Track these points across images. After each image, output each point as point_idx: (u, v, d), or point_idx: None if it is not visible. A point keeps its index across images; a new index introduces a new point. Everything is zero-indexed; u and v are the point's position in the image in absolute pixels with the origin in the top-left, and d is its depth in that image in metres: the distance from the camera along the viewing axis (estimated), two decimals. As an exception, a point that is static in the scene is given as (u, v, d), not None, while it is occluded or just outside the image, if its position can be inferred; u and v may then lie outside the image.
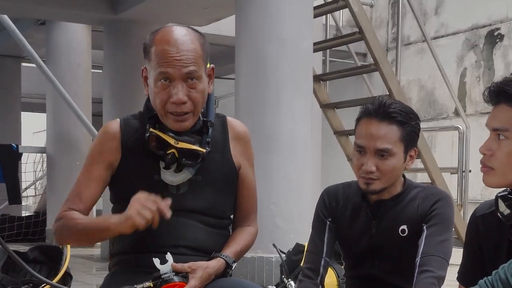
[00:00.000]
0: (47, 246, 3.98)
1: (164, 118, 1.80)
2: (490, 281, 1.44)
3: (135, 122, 1.89)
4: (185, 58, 1.76)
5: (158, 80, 1.77)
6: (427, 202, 1.95)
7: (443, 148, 8.35)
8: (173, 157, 1.79)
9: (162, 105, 1.78)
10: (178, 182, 1.82)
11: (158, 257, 1.75)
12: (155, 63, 1.77)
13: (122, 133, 1.87)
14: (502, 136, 1.55)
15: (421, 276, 1.84)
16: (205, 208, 1.85)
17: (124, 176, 1.86)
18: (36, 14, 7.08)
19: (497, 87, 1.57)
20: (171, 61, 1.75)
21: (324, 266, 2.05)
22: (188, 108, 1.78)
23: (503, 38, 8.28)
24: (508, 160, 1.55)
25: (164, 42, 1.77)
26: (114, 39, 6.68)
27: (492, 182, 1.58)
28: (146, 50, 1.82)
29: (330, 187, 2.13)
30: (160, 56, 1.76)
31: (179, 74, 1.76)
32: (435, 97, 9.07)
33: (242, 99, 4.42)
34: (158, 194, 1.81)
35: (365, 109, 1.97)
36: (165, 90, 1.77)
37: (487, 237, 1.70)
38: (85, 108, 7.49)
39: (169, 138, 1.79)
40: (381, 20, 9.95)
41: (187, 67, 1.76)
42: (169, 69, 1.75)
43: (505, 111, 1.55)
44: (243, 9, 4.43)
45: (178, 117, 1.79)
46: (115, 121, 1.90)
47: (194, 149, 1.80)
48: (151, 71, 1.80)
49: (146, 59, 1.83)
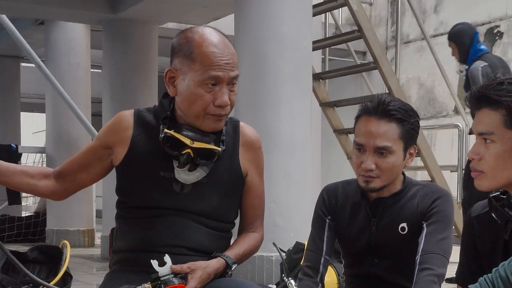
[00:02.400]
0: (47, 246, 3.97)
1: (201, 119, 1.79)
2: (490, 278, 1.45)
3: (148, 116, 1.88)
4: (232, 62, 1.77)
5: (204, 83, 1.75)
6: (427, 199, 1.95)
7: (443, 146, 8.35)
8: (188, 157, 1.78)
9: (204, 107, 1.77)
10: (192, 180, 1.82)
11: (157, 257, 1.75)
12: (201, 66, 1.74)
13: (134, 125, 1.86)
14: (488, 140, 1.57)
15: (421, 274, 1.84)
16: (207, 211, 1.84)
17: (130, 169, 1.85)
18: (35, 14, 7.08)
19: (478, 93, 1.60)
20: (221, 64, 1.75)
21: (324, 264, 2.04)
22: (228, 110, 1.80)
23: (503, 35, 8.27)
24: (497, 163, 1.57)
25: (209, 44, 1.76)
26: (113, 39, 6.67)
27: (484, 185, 1.60)
28: (182, 52, 1.78)
29: (330, 185, 2.13)
30: (209, 58, 1.74)
31: (228, 78, 1.76)
32: (434, 95, 9.07)
33: (241, 97, 4.41)
34: (162, 191, 1.81)
35: (364, 107, 1.96)
36: (210, 93, 1.76)
37: (482, 237, 1.71)
38: (85, 108, 7.48)
39: (185, 138, 1.78)
40: (381, 18, 9.95)
41: (234, 71, 1.78)
42: (220, 72, 1.74)
43: (488, 115, 1.57)
44: (242, 8, 4.42)
45: (218, 118, 1.79)
46: (130, 112, 1.90)
47: (210, 148, 1.79)
48: (190, 73, 1.76)
49: (180, 61, 1.78)
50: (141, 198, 1.84)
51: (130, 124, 1.86)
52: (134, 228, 1.85)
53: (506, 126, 1.55)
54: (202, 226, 1.84)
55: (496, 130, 1.56)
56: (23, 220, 8.31)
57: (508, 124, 1.54)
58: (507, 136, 1.55)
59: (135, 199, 1.85)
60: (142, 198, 1.83)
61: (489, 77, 4.55)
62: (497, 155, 1.56)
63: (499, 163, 1.56)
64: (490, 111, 1.57)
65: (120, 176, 1.88)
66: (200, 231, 1.84)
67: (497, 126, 1.56)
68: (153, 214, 1.83)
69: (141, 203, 1.84)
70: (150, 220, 1.82)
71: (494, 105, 1.56)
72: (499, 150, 1.56)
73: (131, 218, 1.86)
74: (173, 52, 1.81)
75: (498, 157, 1.56)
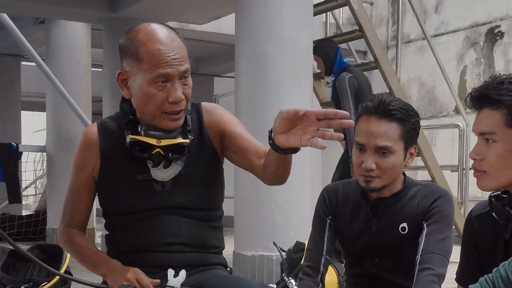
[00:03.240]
0: (47, 245, 3.97)
1: (158, 119, 1.76)
2: (491, 278, 1.44)
3: (112, 125, 1.88)
4: (180, 56, 1.73)
5: (154, 82, 1.72)
6: (427, 199, 1.95)
7: (443, 146, 8.34)
8: (159, 156, 1.77)
9: (158, 106, 1.74)
10: (170, 177, 1.81)
11: (155, 255, 1.78)
12: (149, 65, 1.71)
13: (100, 137, 1.86)
14: (490, 140, 1.57)
15: (421, 274, 1.84)
16: (192, 202, 1.84)
17: (108, 180, 1.86)
18: (35, 13, 7.07)
19: (478, 93, 1.60)
20: (169, 61, 1.71)
21: (325, 264, 2.04)
22: (184, 105, 1.77)
23: (503, 35, 8.27)
24: (498, 162, 1.56)
25: (155, 41, 1.72)
26: (114, 38, 6.66)
27: (486, 185, 1.60)
28: (129, 52, 1.75)
29: (330, 185, 2.13)
30: (155, 57, 1.71)
31: (177, 73, 1.73)
32: (435, 95, 9.06)
33: (242, 97, 4.42)
34: (144, 193, 1.81)
35: (364, 106, 1.96)
36: (162, 91, 1.73)
37: (483, 237, 1.71)
38: (85, 107, 7.47)
39: (151, 139, 1.76)
40: (381, 18, 9.94)
41: (183, 65, 1.74)
42: (168, 69, 1.71)
43: (489, 115, 1.57)
44: (243, 7, 4.42)
45: (174, 116, 1.76)
46: (93, 126, 1.90)
47: (177, 142, 1.78)
48: (140, 74, 1.73)
49: (128, 62, 1.76)
50: (126, 204, 1.84)
51: (95, 138, 1.86)
52: (126, 232, 1.85)
53: (508, 126, 1.54)
54: (191, 219, 1.84)
55: (497, 129, 1.56)
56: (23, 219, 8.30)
57: (509, 123, 1.54)
58: (509, 135, 1.55)
59: (119, 207, 1.86)
60: (127, 205, 1.84)
61: (355, 87, 4.92)
62: (499, 155, 1.56)
63: (501, 162, 1.56)
64: (491, 110, 1.57)
65: (100, 188, 1.88)
66: (190, 225, 1.83)
67: (499, 125, 1.55)
68: (142, 217, 1.83)
69: (127, 209, 1.84)
70: (141, 223, 1.82)
71: (495, 105, 1.56)
72: (501, 150, 1.56)
73: (120, 224, 1.87)
74: (120, 53, 1.79)
75: (500, 157, 1.56)
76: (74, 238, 1.90)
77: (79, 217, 1.92)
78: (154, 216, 1.81)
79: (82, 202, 1.91)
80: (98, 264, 1.84)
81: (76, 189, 1.90)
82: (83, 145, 1.88)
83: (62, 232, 1.92)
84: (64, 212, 1.93)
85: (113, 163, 1.84)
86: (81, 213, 1.92)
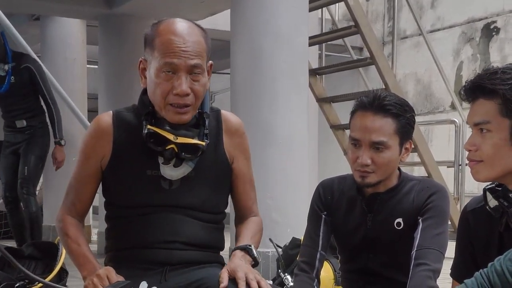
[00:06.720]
0: (42, 242, 3.96)
1: (164, 110, 1.76)
2: (486, 273, 1.44)
3: (128, 115, 1.86)
4: (191, 50, 1.73)
5: (161, 71, 1.73)
6: (422, 194, 1.95)
7: (439, 141, 8.35)
8: (172, 152, 1.77)
9: (163, 96, 1.74)
10: (178, 176, 1.80)
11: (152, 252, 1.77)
12: (159, 54, 1.72)
13: (114, 126, 1.84)
14: (484, 130, 1.57)
15: (417, 269, 1.83)
16: (198, 204, 1.84)
17: (116, 171, 1.84)
18: (30, 9, 7.05)
19: (472, 84, 1.60)
20: (177, 51, 1.71)
21: (320, 259, 2.04)
22: (190, 100, 1.75)
23: (499, 31, 8.27)
24: (494, 151, 1.56)
25: (169, 32, 1.73)
26: (109, 34, 6.65)
27: (481, 174, 1.60)
28: (148, 41, 1.78)
29: (325, 181, 2.12)
30: (165, 46, 1.72)
31: (184, 66, 1.72)
32: (431, 90, 9.06)
33: (238, 93, 4.41)
34: (150, 189, 1.80)
35: (359, 102, 1.96)
36: (168, 81, 1.73)
37: (478, 231, 1.71)
38: (81, 104, 7.44)
39: (168, 134, 1.76)
40: (377, 14, 9.93)
41: (192, 59, 1.73)
42: (174, 59, 1.71)
43: (483, 105, 1.57)
44: (239, 3, 4.41)
45: (179, 109, 1.75)
46: (107, 114, 1.87)
47: (194, 143, 1.78)
48: (152, 62, 1.75)
49: (147, 50, 1.78)
50: (131, 198, 1.83)
51: (109, 127, 1.84)
52: (127, 227, 1.84)
53: (502, 115, 1.54)
54: (194, 219, 1.83)
55: (492, 119, 1.56)
56: (19, 216, 8.28)
57: (504, 112, 1.54)
58: (503, 124, 1.55)
59: (124, 200, 1.84)
60: (132, 199, 1.83)
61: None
62: (494, 144, 1.56)
63: (495, 152, 1.56)
64: (486, 100, 1.57)
65: (107, 178, 1.86)
66: (193, 224, 1.83)
67: (493, 115, 1.55)
68: (145, 212, 1.82)
69: (131, 203, 1.83)
70: (143, 218, 1.82)
71: (489, 94, 1.56)
72: (496, 139, 1.56)
73: (122, 217, 1.86)
74: (144, 43, 1.81)
75: (495, 146, 1.56)
76: (69, 229, 1.86)
77: (80, 206, 1.89)
78: (157, 213, 1.81)
79: (86, 190, 1.88)
80: (82, 265, 1.81)
81: (81, 177, 1.87)
82: (94, 132, 1.85)
83: (60, 218, 1.90)
84: (66, 198, 1.90)
85: (125, 154, 1.82)
86: (83, 201, 1.89)
